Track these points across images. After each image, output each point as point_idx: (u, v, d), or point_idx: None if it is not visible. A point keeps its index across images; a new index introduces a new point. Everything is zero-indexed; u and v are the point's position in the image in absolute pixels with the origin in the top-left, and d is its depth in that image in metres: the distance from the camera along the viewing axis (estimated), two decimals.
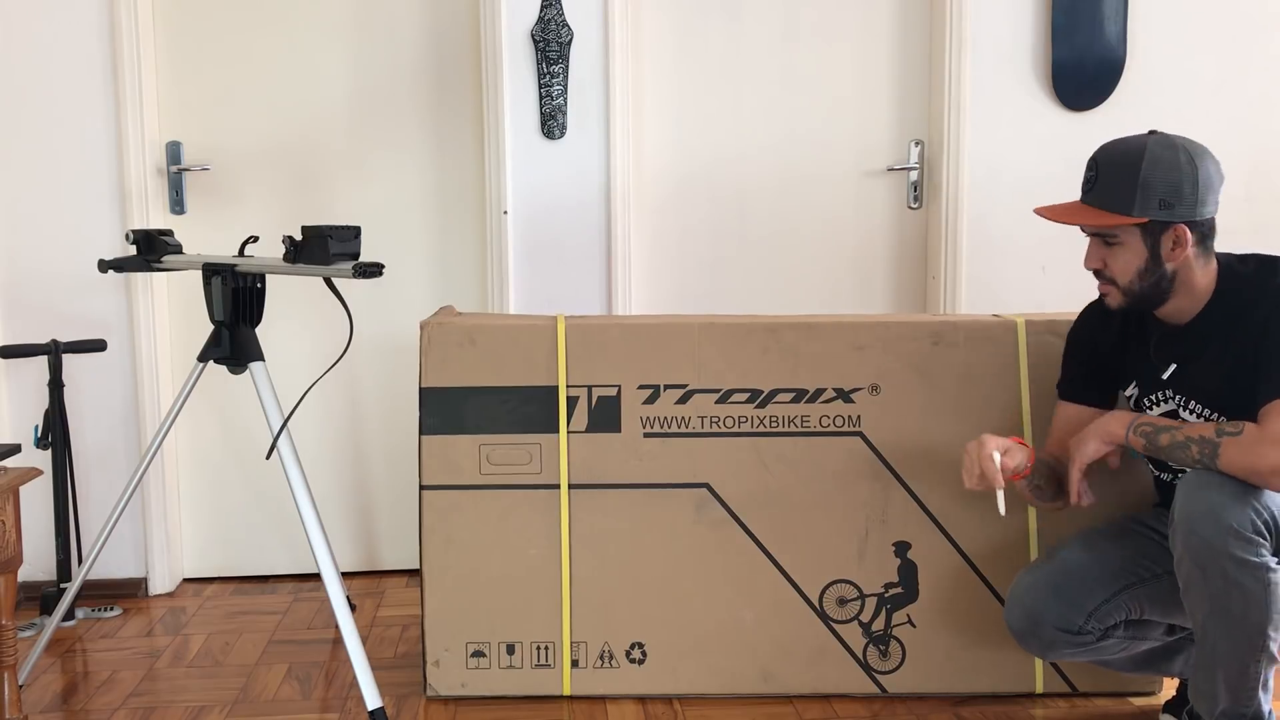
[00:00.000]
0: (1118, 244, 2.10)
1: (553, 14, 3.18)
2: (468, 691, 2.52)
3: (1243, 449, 1.97)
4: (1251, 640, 2.05)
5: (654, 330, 2.50)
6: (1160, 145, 2.07)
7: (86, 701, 2.57)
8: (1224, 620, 2.05)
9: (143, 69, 3.14)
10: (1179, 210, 2.04)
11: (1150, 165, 2.04)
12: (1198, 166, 2.05)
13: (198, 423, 3.33)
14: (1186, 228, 2.05)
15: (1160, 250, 2.07)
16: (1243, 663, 2.07)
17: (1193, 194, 2.04)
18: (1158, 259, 2.08)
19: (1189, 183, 2.04)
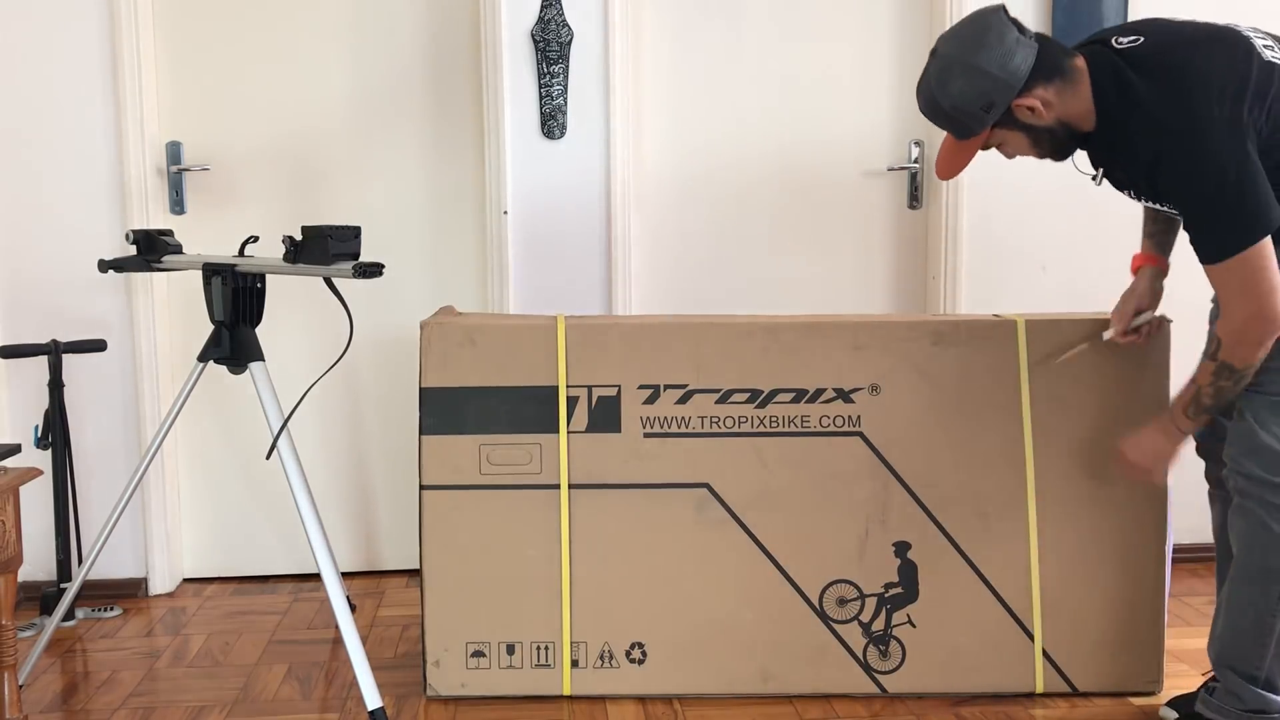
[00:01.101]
0: (1004, 143, 2.18)
1: (553, 14, 3.18)
2: (468, 691, 2.52)
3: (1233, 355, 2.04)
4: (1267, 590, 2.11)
5: (654, 330, 2.50)
6: (939, 77, 2.10)
7: (86, 701, 2.57)
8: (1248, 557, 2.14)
9: (143, 69, 3.14)
10: (999, 100, 2.07)
11: (948, 99, 2.10)
12: (974, 66, 2.06)
13: (198, 423, 3.32)
14: (1022, 99, 2.08)
15: (1029, 123, 2.12)
16: (1259, 614, 2.13)
17: (994, 83, 2.06)
18: (1034, 129, 2.13)
19: (984, 81, 2.06)
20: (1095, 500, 2.47)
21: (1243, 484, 2.15)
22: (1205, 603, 3.06)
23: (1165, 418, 2.21)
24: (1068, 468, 2.47)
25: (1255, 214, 1.95)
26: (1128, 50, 2.07)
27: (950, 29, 2.16)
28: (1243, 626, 2.17)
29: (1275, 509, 2.11)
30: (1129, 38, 2.09)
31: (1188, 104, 1.97)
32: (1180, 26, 2.12)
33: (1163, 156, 2.00)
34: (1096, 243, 3.29)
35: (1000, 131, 2.14)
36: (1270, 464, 2.10)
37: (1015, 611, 2.49)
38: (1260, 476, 2.11)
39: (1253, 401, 2.13)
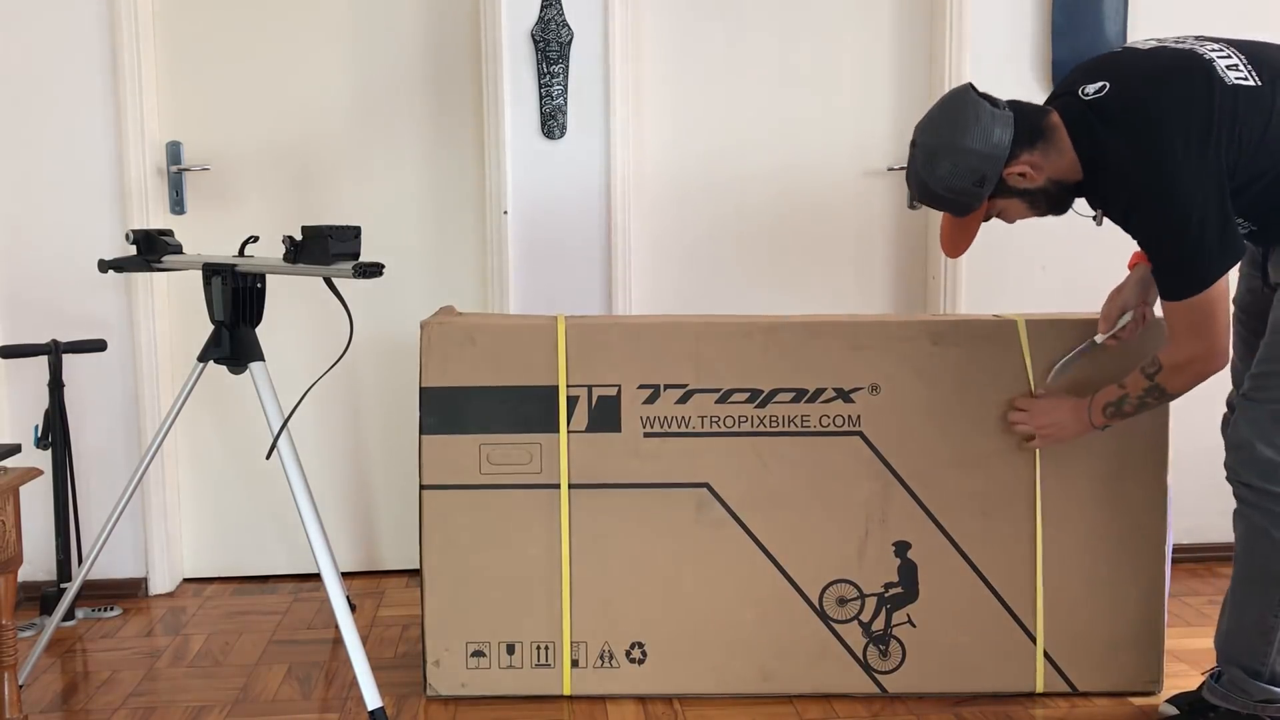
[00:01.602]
0: (1002, 211, 2.23)
1: (553, 14, 3.18)
2: (468, 691, 2.52)
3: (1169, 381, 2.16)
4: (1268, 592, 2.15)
5: (654, 330, 2.50)
6: (927, 165, 2.16)
7: (86, 701, 2.57)
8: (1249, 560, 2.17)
9: (143, 69, 3.14)
10: (990, 173, 2.13)
11: (940, 183, 2.15)
12: (959, 147, 2.11)
13: (198, 423, 3.32)
14: (1011, 168, 2.13)
15: (1023, 188, 2.17)
16: (1260, 613, 2.17)
17: (980, 160, 2.11)
18: (1028, 192, 2.18)
19: (970, 159, 2.11)
20: (1095, 500, 2.47)
21: (1243, 492, 2.18)
22: (1205, 603, 3.06)
23: (1083, 404, 2.32)
24: (1068, 468, 2.47)
25: (1213, 259, 2.05)
26: (1094, 100, 2.11)
27: (925, 119, 2.21)
28: (1246, 624, 2.20)
29: (1276, 517, 2.13)
30: (1095, 85, 2.13)
31: (1150, 155, 2.03)
32: (1142, 61, 2.14)
33: (1131, 205, 2.09)
34: (1096, 243, 3.28)
35: (998, 201, 2.19)
36: (1269, 474, 2.13)
37: (1015, 611, 2.49)
38: (1260, 487, 2.14)
39: (1251, 412, 2.15)
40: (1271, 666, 2.19)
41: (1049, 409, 2.38)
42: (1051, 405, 2.38)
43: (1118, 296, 2.39)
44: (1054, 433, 2.38)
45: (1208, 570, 3.32)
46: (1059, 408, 2.37)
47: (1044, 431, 2.39)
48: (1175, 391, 2.19)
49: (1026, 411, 2.41)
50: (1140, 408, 2.24)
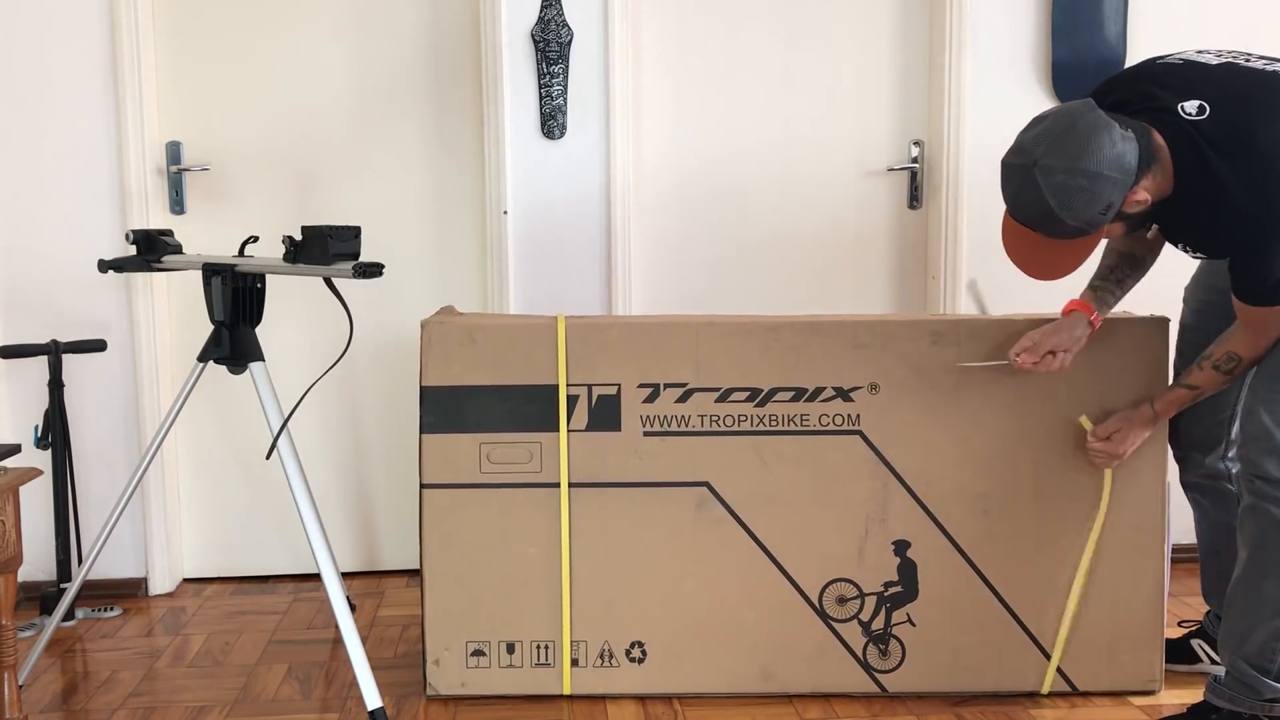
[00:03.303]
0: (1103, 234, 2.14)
1: (553, 14, 3.18)
2: (468, 691, 2.52)
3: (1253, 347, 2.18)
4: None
5: (654, 329, 2.50)
6: (1055, 187, 2.01)
7: (86, 701, 2.57)
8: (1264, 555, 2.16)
9: (143, 69, 3.14)
10: (1117, 201, 2.03)
11: (1066, 209, 2.01)
12: (1094, 171, 1.99)
13: (198, 423, 3.33)
14: (1134, 192, 2.05)
15: (1131, 213, 2.10)
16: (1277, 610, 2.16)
17: (1114, 185, 2.01)
18: (1132, 217, 2.12)
19: (1104, 185, 2.00)
20: (1094, 500, 2.47)
21: (1259, 485, 2.16)
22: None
23: (1146, 410, 2.36)
24: (1068, 467, 2.47)
25: None
26: (1200, 123, 2.06)
27: (1044, 135, 2.04)
28: (1259, 622, 2.18)
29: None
30: (1193, 105, 2.07)
31: (1265, 188, 2.03)
32: (1230, 82, 2.11)
33: (1240, 235, 2.07)
34: None
35: (1111, 226, 2.11)
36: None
37: (1015, 611, 2.49)
38: (1276, 477, 2.13)
39: (1272, 402, 2.15)
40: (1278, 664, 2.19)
41: (1128, 436, 2.38)
42: (1127, 428, 2.38)
43: (1055, 333, 2.35)
44: (1135, 447, 2.40)
45: None
46: (1134, 429, 2.37)
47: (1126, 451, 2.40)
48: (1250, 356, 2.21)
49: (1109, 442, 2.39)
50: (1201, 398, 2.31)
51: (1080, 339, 2.36)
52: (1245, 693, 2.21)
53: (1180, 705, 2.43)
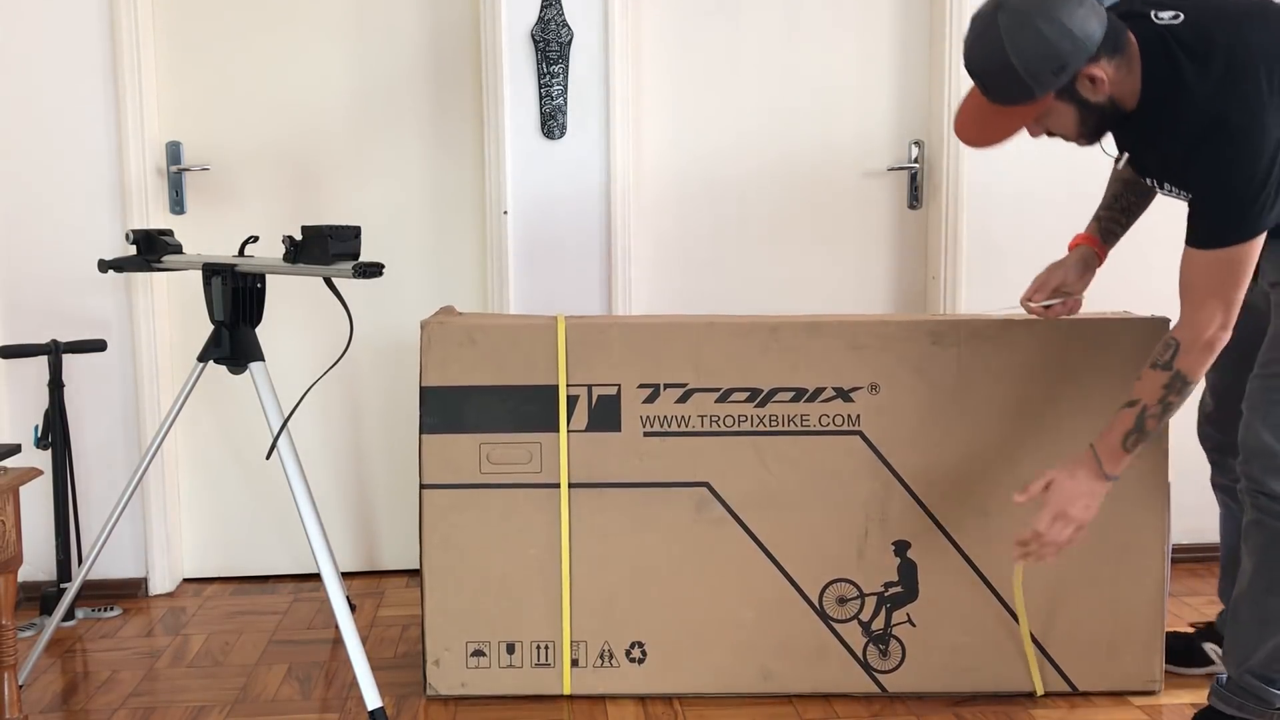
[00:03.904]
0: (1047, 115, 2.06)
1: (553, 14, 3.18)
2: (468, 691, 2.53)
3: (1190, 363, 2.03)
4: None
5: (654, 330, 2.50)
6: (1014, 27, 1.94)
7: (86, 701, 2.57)
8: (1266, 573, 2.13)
9: (143, 69, 3.14)
10: (1072, 64, 1.95)
11: (1019, 54, 1.94)
12: (1057, 20, 1.93)
13: (198, 423, 3.33)
14: (1091, 67, 1.97)
15: (1085, 98, 2.01)
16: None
17: (1073, 44, 1.94)
18: (1087, 104, 2.03)
19: (1063, 40, 1.93)
20: None
21: (1264, 502, 2.12)
22: (1205, 603, 3.06)
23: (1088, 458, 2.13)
24: None
25: (1267, 206, 1.95)
26: (1171, 27, 1.99)
27: None
28: (1266, 636, 2.15)
29: None
30: (1168, 13, 2.01)
31: (1240, 95, 1.93)
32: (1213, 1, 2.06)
33: (1205, 144, 1.96)
34: None
35: (1058, 103, 2.02)
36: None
37: (1015, 611, 2.49)
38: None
39: (1270, 416, 2.11)
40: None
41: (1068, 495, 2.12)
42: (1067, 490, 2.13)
43: (1058, 271, 2.33)
44: (1090, 512, 2.13)
45: (1208, 570, 3.32)
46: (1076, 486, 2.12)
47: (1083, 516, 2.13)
48: (1195, 377, 2.04)
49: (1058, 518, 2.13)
50: (1164, 412, 2.07)
51: (1087, 273, 2.32)
52: (1254, 702, 2.19)
53: (1180, 706, 2.44)
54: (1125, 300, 2.89)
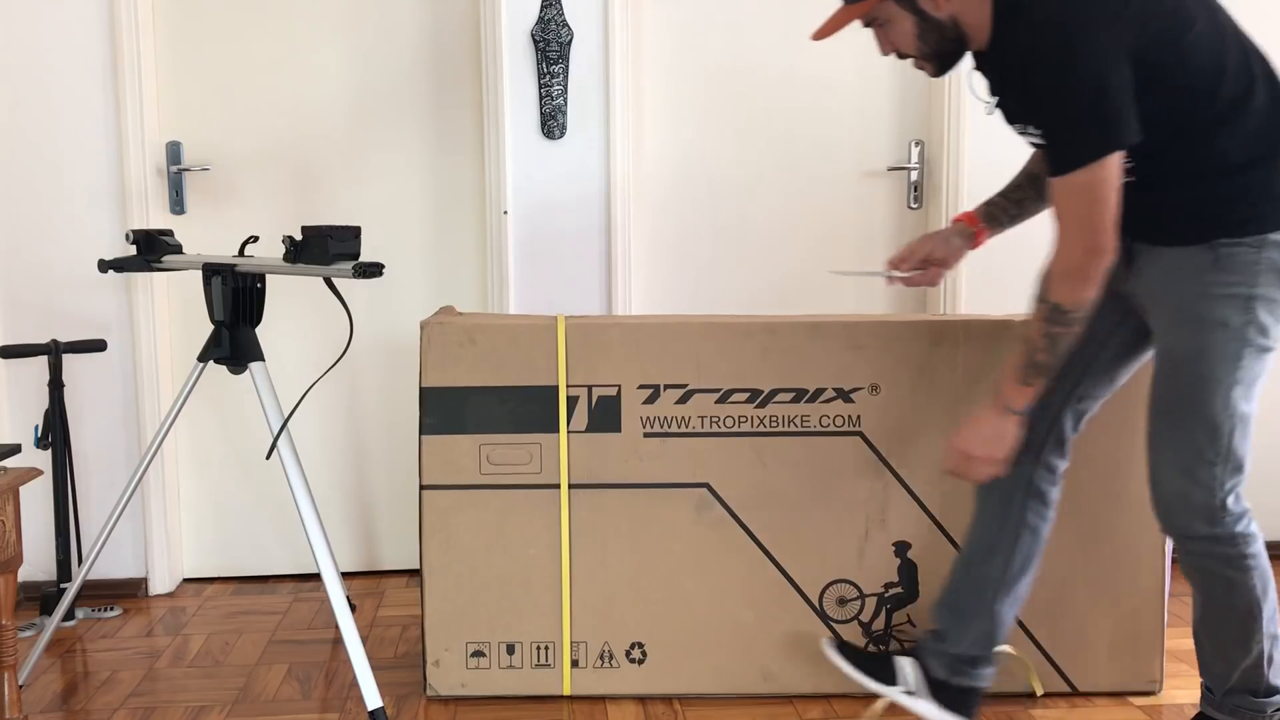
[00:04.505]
0: (888, 23, 2.07)
1: (553, 14, 3.18)
2: (468, 691, 2.53)
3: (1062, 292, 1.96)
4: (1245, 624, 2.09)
5: (654, 330, 2.50)
6: None
7: (86, 701, 2.58)
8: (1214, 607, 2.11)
9: (143, 69, 3.14)
10: None
11: None
12: None
13: (198, 423, 3.33)
14: None
15: (922, 7, 2.01)
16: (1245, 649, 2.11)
17: None
18: (925, 16, 2.02)
19: None
20: (1095, 499, 2.47)
21: (1192, 546, 2.06)
22: None
23: (993, 398, 2.10)
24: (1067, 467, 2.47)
25: (1112, 127, 1.89)
26: None
27: None
28: (1234, 662, 2.12)
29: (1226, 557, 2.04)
30: None
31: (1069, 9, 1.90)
32: None
33: (1038, 60, 1.91)
34: None
35: (891, 5, 2.03)
36: (1211, 518, 2.01)
37: None
38: (1206, 533, 2.02)
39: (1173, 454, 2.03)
40: (1269, 680, 2.12)
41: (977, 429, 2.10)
42: (973, 425, 2.11)
43: (928, 242, 2.31)
44: (996, 445, 2.09)
45: None
46: (980, 421, 2.10)
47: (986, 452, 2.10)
48: (1071, 304, 1.96)
49: (960, 451, 2.12)
50: (1052, 344, 2.00)
51: (959, 250, 2.31)
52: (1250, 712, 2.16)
53: (1180, 706, 2.44)
54: None
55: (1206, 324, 1.96)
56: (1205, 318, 1.96)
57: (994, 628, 2.27)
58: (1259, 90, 1.95)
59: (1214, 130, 1.94)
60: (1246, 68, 1.96)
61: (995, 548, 2.24)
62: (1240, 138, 1.94)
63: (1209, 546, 2.04)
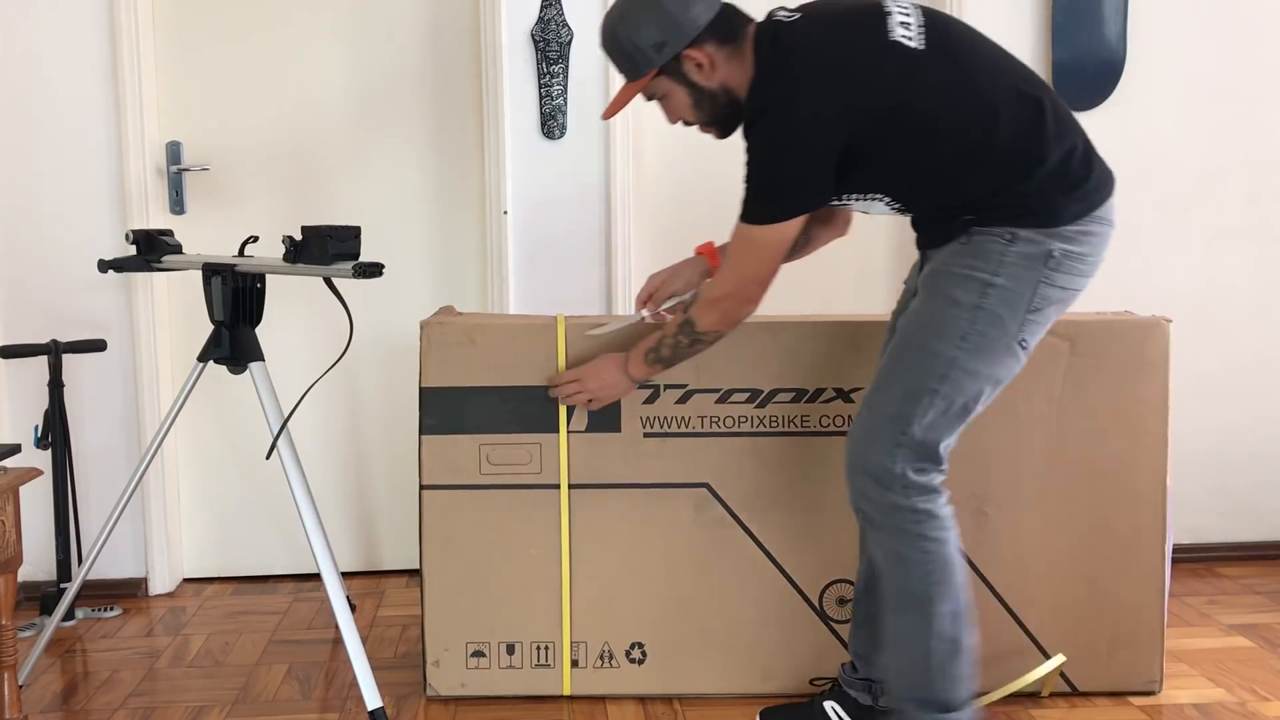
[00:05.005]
0: (666, 97, 2.15)
1: (553, 14, 3.18)
2: (468, 691, 2.52)
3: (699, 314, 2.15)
4: (923, 614, 2.02)
5: (654, 330, 2.49)
6: (626, 6, 2.08)
7: (86, 701, 2.58)
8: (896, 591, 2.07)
9: (143, 69, 3.14)
10: (672, 43, 2.05)
11: (624, 26, 2.07)
12: (654, 3, 2.04)
13: (198, 423, 3.32)
14: (692, 50, 2.05)
15: (693, 80, 2.10)
16: (923, 644, 2.04)
17: (671, 24, 2.04)
18: (697, 87, 2.11)
19: (663, 21, 2.03)
20: (1095, 500, 2.47)
21: (865, 512, 2.06)
22: (1205, 603, 3.06)
23: (625, 357, 2.30)
24: (1067, 467, 2.47)
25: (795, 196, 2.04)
26: (782, 23, 2.06)
27: None
28: (915, 657, 2.05)
29: (901, 532, 2.02)
30: (789, 12, 2.09)
31: (789, 82, 1.99)
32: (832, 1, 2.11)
33: (753, 121, 2.05)
34: None
35: (666, 81, 2.11)
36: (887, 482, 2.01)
37: (1015, 611, 2.49)
38: (879, 499, 2.02)
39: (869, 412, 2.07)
40: (947, 693, 2.04)
41: (598, 373, 2.33)
42: (599, 366, 2.34)
43: (676, 279, 2.37)
44: (606, 392, 2.34)
45: (1208, 570, 3.32)
46: (605, 368, 2.33)
47: (595, 393, 2.34)
48: (704, 329, 2.16)
49: (577, 380, 2.35)
50: (676, 350, 2.21)
51: (696, 283, 2.36)
52: None
53: (1180, 706, 2.44)
54: (1125, 300, 2.89)
55: (937, 297, 2.04)
56: (938, 292, 2.04)
57: None
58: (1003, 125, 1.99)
59: (963, 173, 2.02)
60: (989, 107, 2.00)
61: None
62: (990, 170, 2.00)
63: (883, 515, 2.03)
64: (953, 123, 2.00)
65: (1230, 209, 3.37)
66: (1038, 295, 1.99)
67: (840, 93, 1.98)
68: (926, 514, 2.02)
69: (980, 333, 1.99)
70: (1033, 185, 1.98)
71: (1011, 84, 2.03)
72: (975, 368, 2.00)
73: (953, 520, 2.05)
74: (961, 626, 2.04)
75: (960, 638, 2.04)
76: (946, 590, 2.02)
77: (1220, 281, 3.37)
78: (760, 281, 2.10)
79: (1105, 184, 2.06)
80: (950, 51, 2.02)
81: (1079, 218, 2.00)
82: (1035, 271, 1.98)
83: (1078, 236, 2.00)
